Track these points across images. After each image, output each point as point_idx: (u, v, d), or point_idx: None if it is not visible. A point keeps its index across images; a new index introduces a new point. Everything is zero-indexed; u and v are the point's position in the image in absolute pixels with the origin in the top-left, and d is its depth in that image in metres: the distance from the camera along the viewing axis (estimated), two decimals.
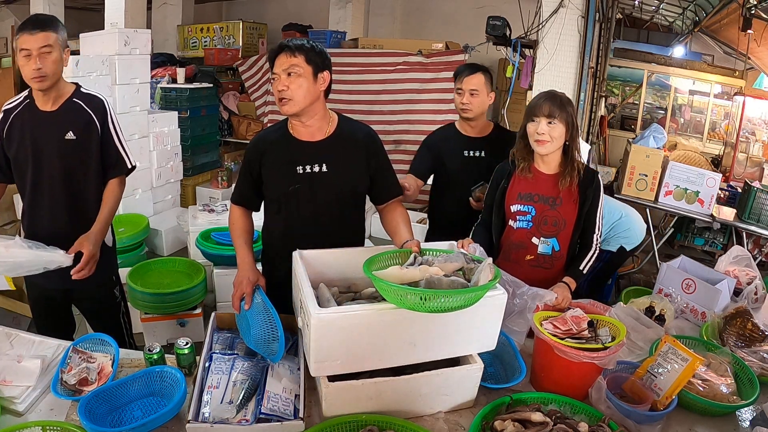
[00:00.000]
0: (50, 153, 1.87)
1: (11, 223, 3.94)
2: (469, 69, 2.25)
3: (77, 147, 1.89)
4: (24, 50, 1.74)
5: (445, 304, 1.23)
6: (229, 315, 1.71)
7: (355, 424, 1.30)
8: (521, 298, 1.70)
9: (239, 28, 6.41)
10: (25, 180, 1.90)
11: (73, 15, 6.69)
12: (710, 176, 4.21)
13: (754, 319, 1.85)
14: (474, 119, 2.29)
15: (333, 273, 1.60)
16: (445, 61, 4.27)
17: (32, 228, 1.94)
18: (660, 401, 1.41)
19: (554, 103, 1.80)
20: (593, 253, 1.92)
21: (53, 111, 1.88)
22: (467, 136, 2.33)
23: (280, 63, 1.63)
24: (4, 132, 1.89)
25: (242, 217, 1.83)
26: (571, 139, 1.85)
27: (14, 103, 1.91)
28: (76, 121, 1.89)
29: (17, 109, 1.89)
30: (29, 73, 1.76)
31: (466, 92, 2.23)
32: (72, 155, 1.90)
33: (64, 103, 1.89)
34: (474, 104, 2.24)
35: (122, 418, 1.36)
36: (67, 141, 1.87)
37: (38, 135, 1.86)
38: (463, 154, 2.30)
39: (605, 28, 4.55)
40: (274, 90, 1.67)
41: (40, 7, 5.83)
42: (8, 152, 1.89)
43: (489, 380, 1.53)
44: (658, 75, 6.98)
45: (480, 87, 2.22)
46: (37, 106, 1.87)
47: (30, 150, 1.86)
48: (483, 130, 2.34)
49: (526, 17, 3.98)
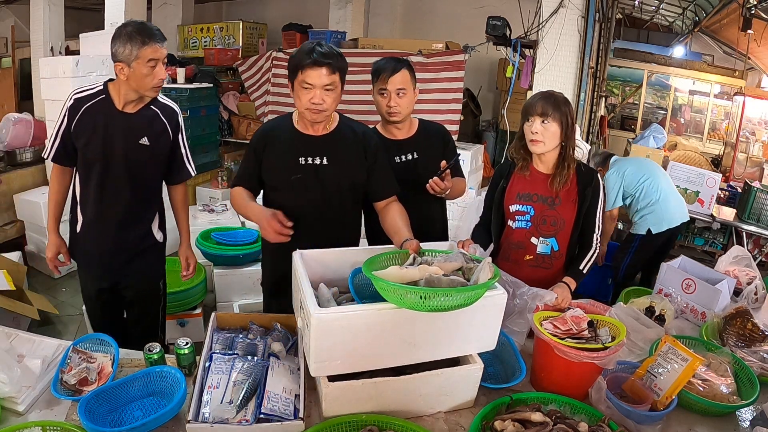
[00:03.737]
0: (122, 154, 1.91)
1: (11, 224, 3.94)
2: (391, 65, 1.93)
3: (148, 153, 1.96)
4: (153, 60, 1.81)
5: (444, 303, 1.23)
6: (229, 315, 1.71)
7: (355, 424, 1.30)
8: (521, 298, 1.70)
9: (239, 28, 6.41)
10: (91, 173, 1.94)
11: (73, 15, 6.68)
12: (710, 176, 4.22)
13: (754, 319, 1.85)
14: (403, 121, 2.01)
15: (333, 273, 1.60)
16: (445, 61, 4.27)
17: (91, 217, 2.00)
18: (660, 401, 1.41)
19: (548, 102, 1.80)
20: (593, 252, 1.91)
21: (131, 114, 1.92)
22: (395, 140, 2.04)
23: (317, 76, 1.66)
24: (74, 121, 1.90)
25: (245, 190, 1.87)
26: (566, 138, 1.83)
27: (85, 94, 1.92)
28: (152, 128, 1.95)
29: (91, 101, 1.90)
30: (153, 82, 1.85)
31: (392, 93, 1.93)
32: (142, 160, 1.96)
33: (142, 108, 1.94)
34: (402, 105, 1.95)
35: (122, 418, 1.36)
36: (141, 146, 1.93)
37: (113, 134, 1.90)
38: (394, 161, 2.01)
39: (605, 28, 4.55)
40: (304, 99, 1.70)
41: (40, 8, 5.82)
42: (76, 142, 1.91)
43: (489, 380, 1.53)
44: (658, 75, 6.98)
45: (407, 85, 1.94)
46: (115, 104, 1.90)
47: (101, 148, 1.90)
48: (409, 130, 2.07)
49: (526, 17, 3.98)
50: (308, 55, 1.64)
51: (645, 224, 3.33)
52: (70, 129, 1.90)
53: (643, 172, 3.36)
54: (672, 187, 3.43)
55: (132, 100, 1.90)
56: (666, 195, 3.32)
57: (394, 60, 1.97)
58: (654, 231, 3.30)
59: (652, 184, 3.32)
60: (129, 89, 1.87)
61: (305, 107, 1.70)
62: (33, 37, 6.04)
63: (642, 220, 3.34)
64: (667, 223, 3.30)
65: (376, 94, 2.00)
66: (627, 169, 3.38)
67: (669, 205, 3.31)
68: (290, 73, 1.72)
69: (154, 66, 1.82)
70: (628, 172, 3.36)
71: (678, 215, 3.34)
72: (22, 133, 4.12)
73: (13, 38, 7.46)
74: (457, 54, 4.25)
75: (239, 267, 3.26)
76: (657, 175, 3.40)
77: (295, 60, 1.69)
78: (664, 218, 3.29)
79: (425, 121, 2.14)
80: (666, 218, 3.30)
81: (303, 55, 1.66)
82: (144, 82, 1.84)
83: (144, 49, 1.78)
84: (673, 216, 3.31)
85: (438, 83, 4.23)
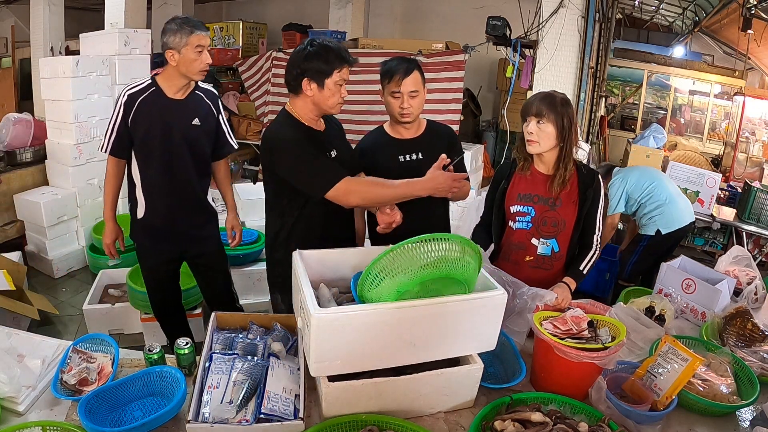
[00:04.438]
0: (181, 135, 2.16)
1: (11, 224, 3.94)
2: (403, 67, 1.93)
3: (201, 131, 2.22)
4: (200, 46, 2.06)
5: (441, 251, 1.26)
6: (229, 315, 1.71)
7: (355, 424, 1.30)
8: (521, 298, 1.70)
9: (239, 28, 6.42)
10: (152, 157, 2.17)
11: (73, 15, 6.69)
12: (710, 176, 4.22)
13: (754, 319, 1.84)
14: (413, 122, 2.03)
15: (333, 273, 1.60)
16: (445, 61, 4.27)
17: (157, 197, 2.23)
18: (660, 401, 1.41)
19: (543, 102, 1.80)
20: (593, 253, 1.91)
21: (182, 99, 2.17)
22: (401, 139, 2.06)
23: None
24: (130, 115, 2.11)
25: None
26: (563, 139, 1.82)
27: (137, 89, 2.14)
28: (200, 109, 2.22)
29: (143, 95, 2.12)
30: (200, 66, 2.09)
31: (404, 95, 1.92)
32: (198, 138, 2.22)
33: (189, 93, 2.20)
34: (415, 107, 1.96)
35: (122, 418, 1.35)
36: (194, 126, 2.20)
37: (169, 119, 2.14)
38: (398, 160, 2.03)
39: (605, 28, 4.55)
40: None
41: (40, 8, 5.83)
42: (134, 133, 2.14)
43: (489, 380, 1.53)
44: (658, 75, 6.98)
45: (418, 86, 1.94)
46: (166, 94, 2.14)
47: (160, 132, 2.13)
48: (417, 130, 2.08)
49: (526, 17, 3.99)
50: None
51: (654, 225, 3.34)
52: (127, 122, 2.12)
53: (648, 178, 3.39)
54: (676, 189, 3.45)
55: (181, 87, 2.15)
56: (673, 197, 3.34)
57: (405, 61, 1.95)
58: (663, 231, 3.29)
59: (658, 187, 3.34)
60: (178, 75, 2.11)
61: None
62: (33, 37, 6.04)
63: (650, 221, 3.35)
64: (677, 223, 3.30)
65: (387, 96, 1.97)
66: (631, 176, 3.41)
67: (677, 206, 3.32)
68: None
69: (201, 51, 2.06)
70: (632, 179, 3.38)
71: (686, 215, 3.35)
72: (22, 133, 4.11)
73: (13, 38, 7.46)
74: (457, 54, 4.25)
75: (239, 267, 3.26)
76: (661, 179, 3.42)
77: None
78: (674, 219, 3.30)
79: (433, 122, 2.14)
80: (676, 219, 3.30)
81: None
82: (192, 66, 2.07)
83: (192, 37, 2.03)
84: (683, 216, 3.33)
85: (438, 83, 4.23)
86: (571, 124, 1.81)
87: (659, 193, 3.33)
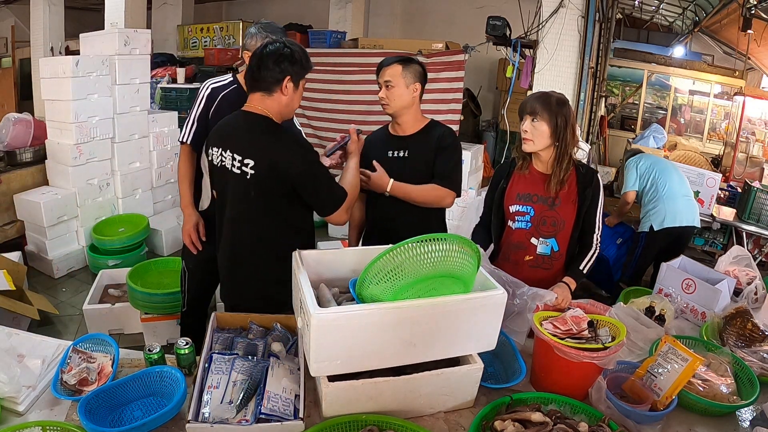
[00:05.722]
0: None
1: (11, 224, 3.94)
2: (387, 61, 2.00)
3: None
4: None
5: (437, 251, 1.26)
6: (229, 315, 1.71)
7: (355, 424, 1.30)
8: (521, 298, 1.70)
9: (239, 28, 6.42)
10: None
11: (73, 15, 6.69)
12: (710, 176, 4.22)
13: (754, 319, 1.84)
14: (398, 116, 2.03)
15: (333, 273, 1.60)
16: (445, 61, 4.27)
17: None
18: (660, 401, 1.41)
19: (538, 101, 1.80)
20: (593, 253, 1.91)
21: None
22: (396, 136, 2.09)
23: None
24: (212, 107, 2.16)
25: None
26: (558, 138, 1.82)
27: (221, 83, 2.20)
28: None
29: (225, 89, 2.18)
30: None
31: (382, 85, 1.99)
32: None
33: None
34: (389, 97, 1.98)
35: (122, 418, 1.35)
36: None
37: None
38: (387, 154, 2.06)
39: (605, 28, 4.55)
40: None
41: (40, 8, 5.84)
42: (213, 125, 2.12)
43: (489, 380, 1.53)
44: (658, 75, 6.98)
45: (394, 78, 1.96)
46: (245, 89, 2.15)
47: None
48: (411, 127, 2.07)
49: (526, 17, 3.99)
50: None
51: (648, 221, 3.38)
52: (208, 114, 2.16)
53: (657, 166, 3.48)
54: (684, 189, 3.45)
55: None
56: (673, 193, 3.35)
57: (395, 57, 2.01)
58: (656, 228, 3.32)
59: (661, 178, 3.38)
60: None
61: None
62: (33, 37, 6.05)
63: (646, 217, 3.40)
64: (669, 221, 3.31)
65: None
66: (643, 159, 3.55)
67: (675, 204, 3.33)
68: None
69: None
70: (643, 162, 3.53)
71: (684, 217, 3.34)
72: (22, 133, 4.11)
73: (13, 38, 7.47)
74: (457, 54, 4.25)
75: None
76: (670, 172, 3.45)
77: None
78: (667, 215, 3.31)
79: (434, 122, 2.11)
80: (669, 216, 3.31)
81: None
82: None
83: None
84: (677, 216, 3.32)
85: (438, 83, 4.23)
86: (567, 124, 1.81)
87: (661, 184, 3.37)
